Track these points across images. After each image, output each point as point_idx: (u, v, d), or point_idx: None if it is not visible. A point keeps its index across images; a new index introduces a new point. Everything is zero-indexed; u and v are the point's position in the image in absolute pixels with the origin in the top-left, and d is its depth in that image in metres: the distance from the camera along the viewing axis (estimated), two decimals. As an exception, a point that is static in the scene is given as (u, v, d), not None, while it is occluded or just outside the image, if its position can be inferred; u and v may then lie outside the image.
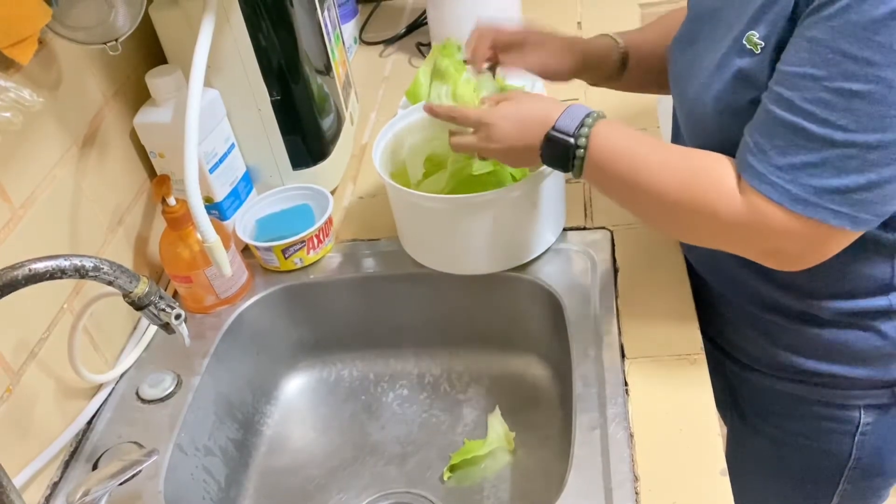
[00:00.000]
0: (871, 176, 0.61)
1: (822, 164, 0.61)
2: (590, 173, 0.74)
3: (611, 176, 0.73)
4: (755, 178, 0.64)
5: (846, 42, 0.58)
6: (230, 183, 1.00)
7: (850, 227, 0.63)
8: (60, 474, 0.81)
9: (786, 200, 0.63)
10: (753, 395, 0.93)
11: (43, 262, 0.62)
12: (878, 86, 0.58)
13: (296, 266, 0.99)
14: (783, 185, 0.63)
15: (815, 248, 0.66)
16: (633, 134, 0.73)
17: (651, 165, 0.70)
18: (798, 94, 0.61)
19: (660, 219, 0.74)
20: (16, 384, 0.75)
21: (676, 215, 0.70)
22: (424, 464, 0.94)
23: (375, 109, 1.30)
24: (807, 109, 0.61)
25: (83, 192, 0.87)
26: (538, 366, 1.00)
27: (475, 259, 0.92)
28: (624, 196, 0.74)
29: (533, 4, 1.44)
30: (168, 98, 0.93)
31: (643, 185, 0.70)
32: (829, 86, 0.59)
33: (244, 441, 0.97)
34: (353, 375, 1.05)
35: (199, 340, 0.92)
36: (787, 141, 0.62)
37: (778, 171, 0.63)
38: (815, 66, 0.60)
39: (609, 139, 0.72)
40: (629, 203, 0.75)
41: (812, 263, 0.67)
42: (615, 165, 0.72)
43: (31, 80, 0.79)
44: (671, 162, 0.70)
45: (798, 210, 0.63)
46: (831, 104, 0.60)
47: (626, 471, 0.70)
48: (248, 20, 0.92)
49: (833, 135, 0.60)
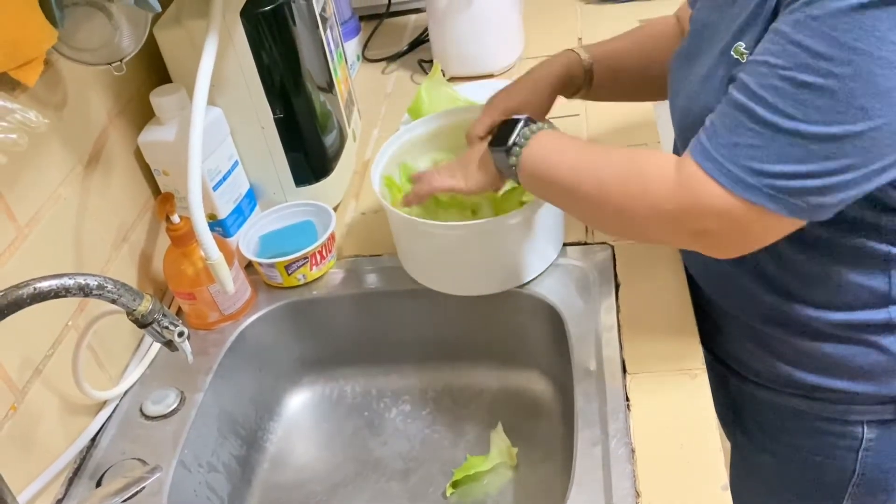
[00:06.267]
0: (812, 166, 0.61)
1: (765, 148, 0.61)
2: (525, 177, 0.78)
3: (546, 178, 0.76)
4: (701, 154, 0.65)
5: (804, 35, 0.59)
6: (234, 200, 1.00)
7: (786, 214, 0.63)
8: (64, 491, 0.81)
9: (724, 178, 0.63)
10: (756, 411, 0.93)
11: (48, 280, 0.63)
12: (830, 80, 0.58)
13: (299, 282, 1.00)
14: (724, 163, 0.63)
15: (747, 232, 0.65)
16: (570, 139, 0.77)
17: (586, 162, 0.73)
18: (754, 80, 0.62)
19: (601, 216, 0.75)
20: (21, 401, 0.75)
21: (613, 208, 0.70)
22: (427, 479, 0.94)
23: (378, 126, 1.31)
24: (759, 94, 0.62)
25: (88, 210, 0.88)
26: (540, 381, 1.01)
27: (477, 281, 0.93)
28: (564, 198, 0.77)
29: (534, 22, 1.45)
30: (172, 116, 0.94)
31: (582, 184, 0.72)
32: (782, 74, 0.60)
33: (247, 457, 0.97)
34: (356, 391, 1.06)
35: (203, 357, 0.93)
36: (736, 122, 0.63)
37: (722, 149, 0.63)
38: (774, 54, 0.61)
39: (543, 145, 0.76)
40: (567, 203, 0.78)
41: (742, 251, 0.67)
42: (549, 169, 0.75)
43: (37, 101, 0.80)
44: (609, 158, 0.72)
45: (737, 191, 0.63)
46: (781, 91, 0.60)
47: (628, 486, 0.70)
48: (251, 39, 0.93)
49: (779, 121, 0.60)
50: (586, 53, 0.92)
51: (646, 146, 1.12)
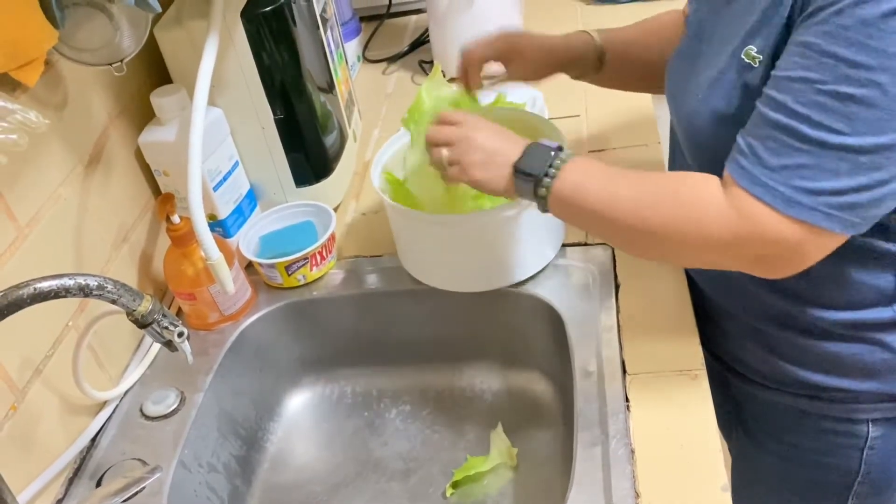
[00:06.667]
0: (862, 179, 0.60)
1: (815, 167, 0.61)
2: (555, 210, 0.74)
3: (579, 211, 0.72)
4: (747, 179, 0.64)
5: (840, 46, 0.58)
6: (234, 200, 1.00)
7: (840, 230, 0.63)
8: (64, 491, 0.81)
9: (779, 202, 0.62)
10: (758, 411, 0.92)
11: (48, 281, 0.63)
12: (872, 90, 0.58)
13: (299, 283, 1.00)
14: (776, 186, 0.62)
15: (804, 252, 0.65)
16: (602, 167, 0.73)
17: (622, 194, 0.69)
18: (791, 97, 0.61)
19: (643, 245, 0.72)
20: (21, 401, 0.75)
21: (660, 237, 0.68)
22: (427, 480, 0.94)
23: (378, 127, 1.31)
24: (800, 112, 0.61)
25: (88, 210, 0.88)
26: (540, 381, 1.01)
27: (474, 276, 0.93)
28: (600, 228, 0.74)
29: (535, 19, 1.45)
30: (172, 117, 0.94)
31: (620, 216, 0.69)
32: (822, 88, 0.60)
33: (247, 457, 0.97)
34: (356, 392, 1.06)
35: (203, 357, 0.93)
36: (780, 143, 0.62)
37: (771, 173, 0.63)
38: (808, 69, 0.60)
39: (575, 175, 0.71)
40: (607, 235, 0.76)
41: (798, 269, 0.67)
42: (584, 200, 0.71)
43: (38, 101, 0.80)
44: (646, 187, 0.69)
45: (792, 213, 0.62)
46: (825, 107, 0.60)
47: (628, 487, 0.70)
48: (252, 40, 0.93)
49: (827, 137, 0.60)
50: (599, 36, 0.93)
51: (646, 146, 1.12)
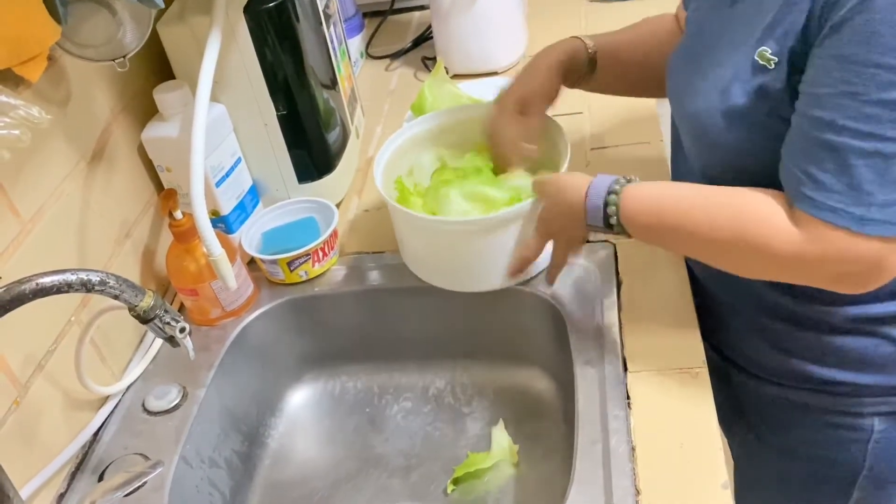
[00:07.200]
0: None
1: (877, 179, 0.60)
2: (634, 231, 0.75)
3: (656, 234, 0.74)
4: (813, 207, 0.63)
5: (877, 53, 0.58)
6: (236, 196, 1.01)
7: None
8: (67, 486, 0.81)
9: (851, 223, 0.62)
10: (762, 406, 0.92)
11: (50, 276, 0.63)
12: None
13: (301, 279, 1.00)
14: (844, 208, 0.62)
15: (883, 266, 0.64)
16: (663, 187, 0.74)
17: (695, 213, 0.70)
18: (839, 114, 0.61)
19: (718, 261, 0.73)
20: (23, 396, 0.76)
21: (734, 256, 0.70)
22: (428, 476, 0.94)
23: (381, 123, 1.31)
24: (850, 127, 0.60)
25: (91, 206, 0.88)
26: (541, 378, 1.01)
27: (478, 278, 0.92)
28: (677, 247, 0.78)
29: (537, 19, 1.45)
30: (175, 113, 0.94)
31: (692, 234, 0.70)
32: (868, 100, 0.59)
33: (249, 453, 0.97)
34: (358, 388, 1.06)
35: (205, 353, 0.93)
36: (838, 163, 0.61)
37: (836, 196, 0.62)
38: (850, 82, 0.60)
39: (639, 201, 0.73)
40: (684, 250, 0.78)
41: (884, 281, 0.66)
42: (657, 224, 0.73)
43: (41, 97, 0.81)
44: (714, 205, 0.70)
45: (866, 230, 0.61)
46: (874, 118, 0.59)
47: (628, 485, 0.70)
48: (254, 36, 0.93)
49: (882, 147, 0.60)
50: (591, 41, 0.92)
51: (648, 144, 1.11)
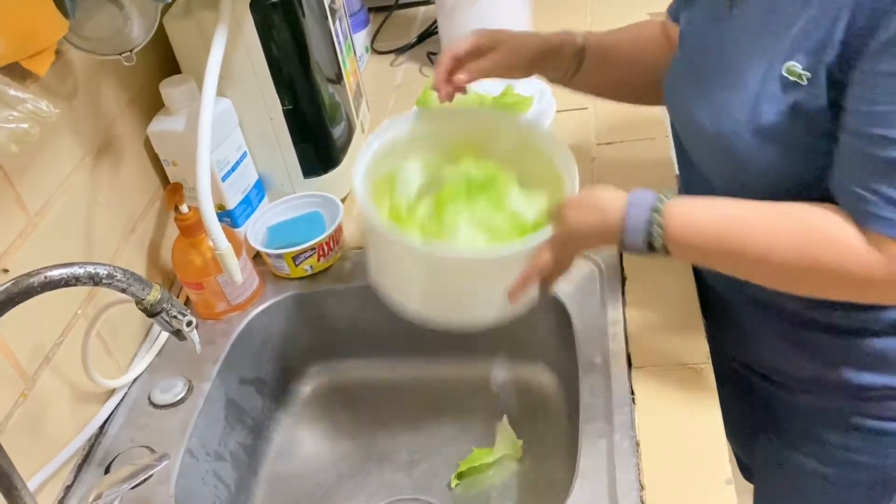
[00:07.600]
0: None
1: None
2: (678, 254, 0.70)
3: (708, 256, 0.70)
4: (888, 227, 0.62)
5: None
6: (242, 191, 1.01)
7: None
8: (73, 478, 0.82)
9: None
10: (794, 414, 0.89)
11: (58, 269, 0.63)
12: None
13: (306, 273, 1.00)
14: None
15: None
16: (711, 205, 0.69)
17: (755, 235, 0.67)
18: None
19: (783, 285, 0.70)
20: (31, 389, 0.76)
21: (805, 282, 0.67)
22: (432, 471, 0.95)
23: (386, 118, 1.31)
24: None
25: (97, 200, 0.88)
26: (546, 374, 1.01)
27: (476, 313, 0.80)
28: (731, 269, 0.72)
29: (543, 14, 1.45)
30: (181, 107, 0.94)
31: (755, 259, 0.67)
32: None
33: (254, 446, 0.97)
34: (362, 382, 1.06)
35: (211, 346, 0.93)
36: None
37: None
38: None
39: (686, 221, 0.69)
40: (740, 273, 0.72)
41: None
42: (712, 247, 0.69)
43: (48, 91, 0.81)
44: (775, 225, 0.67)
45: None
46: None
47: (632, 480, 0.70)
48: (260, 30, 0.94)
49: None
50: (581, 37, 0.89)
51: (653, 140, 1.11)
